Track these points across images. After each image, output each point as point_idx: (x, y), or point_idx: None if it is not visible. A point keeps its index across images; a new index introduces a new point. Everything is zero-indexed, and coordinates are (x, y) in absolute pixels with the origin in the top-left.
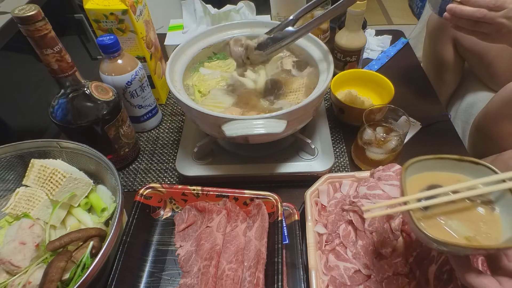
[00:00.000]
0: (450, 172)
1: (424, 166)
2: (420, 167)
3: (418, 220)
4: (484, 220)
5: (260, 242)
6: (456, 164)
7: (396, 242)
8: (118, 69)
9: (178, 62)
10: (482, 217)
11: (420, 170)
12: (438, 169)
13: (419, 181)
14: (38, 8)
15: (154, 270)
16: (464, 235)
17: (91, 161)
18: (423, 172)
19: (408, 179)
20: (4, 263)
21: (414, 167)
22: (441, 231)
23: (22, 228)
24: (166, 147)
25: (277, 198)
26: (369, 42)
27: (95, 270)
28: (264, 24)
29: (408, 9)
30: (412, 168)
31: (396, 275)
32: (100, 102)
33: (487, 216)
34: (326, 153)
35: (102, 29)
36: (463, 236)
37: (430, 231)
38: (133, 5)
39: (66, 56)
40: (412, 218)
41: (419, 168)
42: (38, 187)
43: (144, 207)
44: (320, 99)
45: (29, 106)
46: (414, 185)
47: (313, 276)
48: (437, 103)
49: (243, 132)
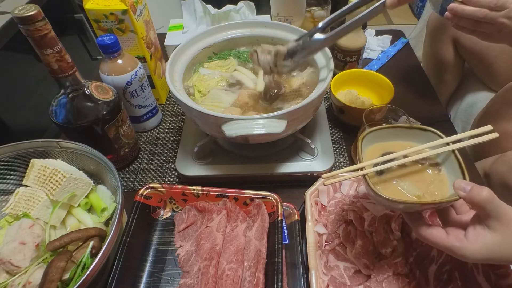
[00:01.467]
0: (402, 140)
1: (379, 136)
2: (375, 137)
3: (374, 184)
4: (432, 180)
5: (260, 242)
6: (407, 132)
7: (396, 242)
8: (118, 69)
9: (178, 62)
10: (430, 178)
11: (375, 140)
12: (391, 139)
13: (375, 150)
14: (38, 8)
15: (154, 270)
16: (414, 194)
17: (91, 161)
18: (378, 142)
19: (365, 149)
20: (4, 263)
21: (370, 137)
22: (395, 192)
23: (22, 228)
24: (166, 147)
25: (277, 198)
26: (369, 42)
27: (95, 270)
28: (264, 24)
29: (408, 9)
30: (368, 138)
31: (396, 275)
32: (100, 102)
33: (435, 176)
34: (326, 153)
35: (102, 29)
36: (414, 195)
37: (385, 192)
38: (133, 5)
39: (66, 56)
40: (368, 182)
41: (374, 138)
42: (38, 187)
43: (144, 207)
44: (320, 99)
45: (29, 106)
46: (370, 154)
47: (313, 276)
48: (437, 103)
49: (243, 132)
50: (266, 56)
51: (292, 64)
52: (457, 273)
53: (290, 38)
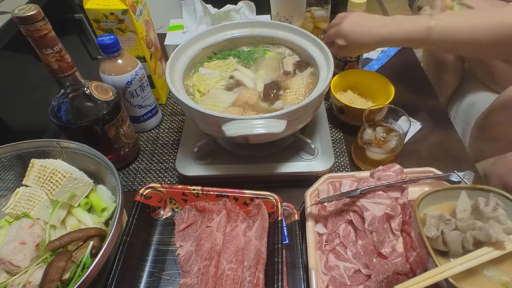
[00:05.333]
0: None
1: (435, 198)
2: (432, 200)
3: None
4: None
5: (260, 242)
6: (470, 192)
7: (396, 242)
8: (118, 69)
9: (178, 62)
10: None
11: (432, 202)
12: (452, 199)
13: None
14: (38, 8)
15: (154, 270)
16: (501, 281)
17: (91, 161)
18: (437, 204)
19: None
20: (4, 263)
21: (426, 200)
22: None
23: (22, 228)
24: (166, 147)
25: (277, 198)
26: None
27: (95, 270)
28: (264, 24)
29: (408, 9)
30: (425, 203)
31: (396, 275)
32: (100, 102)
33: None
34: (326, 153)
35: (102, 29)
36: (500, 283)
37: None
38: (133, 5)
39: (66, 56)
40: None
41: (431, 200)
42: (38, 187)
43: (144, 207)
44: (320, 99)
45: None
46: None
47: (313, 276)
48: (437, 103)
49: (243, 132)
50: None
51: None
52: None
53: (290, 38)
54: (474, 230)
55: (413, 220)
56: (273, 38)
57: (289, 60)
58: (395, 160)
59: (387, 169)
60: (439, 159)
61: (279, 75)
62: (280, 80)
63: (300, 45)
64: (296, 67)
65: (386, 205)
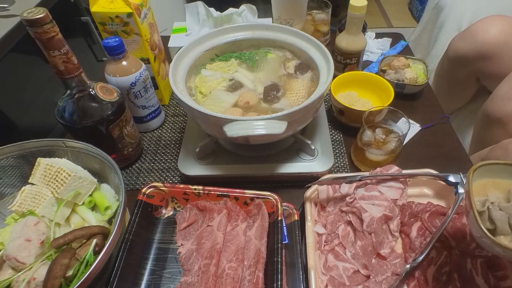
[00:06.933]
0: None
1: (491, 171)
2: (486, 172)
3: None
4: None
5: (260, 242)
6: None
7: (395, 243)
8: (122, 71)
9: (181, 64)
10: None
11: (486, 175)
12: (505, 176)
13: (484, 186)
14: (46, 11)
15: (155, 268)
16: None
17: (95, 160)
18: (488, 178)
19: (474, 183)
20: (10, 259)
21: (482, 170)
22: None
23: (27, 225)
24: (169, 147)
25: (277, 198)
26: (369, 44)
27: (97, 267)
28: (266, 27)
29: (408, 12)
30: (480, 172)
31: (395, 275)
32: (105, 103)
33: None
34: (326, 154)
35: (108, 31)
36: None
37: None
38: (138, 8)
39: (73, 58)
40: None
41: (485, 172)
42: (44, 185)
43: (146, 205)
44: (320, 101)
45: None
46: (479, 189)
47: (312, 276)
48: (436, 105)
49: (244, 133)
50: None
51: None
52: (456, 274)
53: (291, 40)
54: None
55: (465, 186)
56: (274, 41)
57: (290, 62)
58: (394, 161)
59: (385, 170)
60: (438, 160)
61: (280, 77)
62: (281, 82)
63: (301, 48)
64: (297, 69)
65: (384, 207)
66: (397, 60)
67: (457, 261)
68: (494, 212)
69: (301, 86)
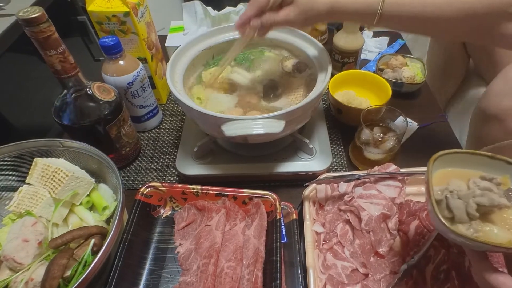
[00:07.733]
0: (479, 170)
1: (452, 160)
2: (448, 161)
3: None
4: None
5: (259, 241)
6: (487, 161)
7: (393, 241)
8: (120, 70)
9: (179, 63)
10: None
11: (447, 164)
12: (467, 166)
13: (445, 176)
14: (42, 10)
15: (154, 268)
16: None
17: (93, 160)
18: (449, 168)
19: (435, 173)
20: (8, 260)
21: (442, 160)
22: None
23: (25, 225)
24: (167, 146)
25: (275, 197)
26: (367, 43)
27: (96, 268)
28: None
29: None
30: (440, 161)
31: (394, 274)
32: (102, 102)
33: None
34: (324, 153)
35: (105, 30)
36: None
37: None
38: (135, 8)
39: (69, 57)
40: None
41: (446, 162)
42: (41, 185)
43: (144, 205)
44: (318, 100)
45: (32, 106)
46: (439, 179)
47: (311, 275)
48: (434, 104)
49: (242, 132)
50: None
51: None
52: (454, 272)
53: (289, 39)
54: (475, 197)
55: (425, 175)
56: (272, 40)
57: (288, 61)
58: (392, 160)
59: (384, 169)
60: None
61: (277, 76)
62: (278, 81)
63: (298, 47)
64: (295, 68)
65: (383, 205)
66: (394, 58)
67: (455, 259)
68: (452, 200)
69: (299, 85)
